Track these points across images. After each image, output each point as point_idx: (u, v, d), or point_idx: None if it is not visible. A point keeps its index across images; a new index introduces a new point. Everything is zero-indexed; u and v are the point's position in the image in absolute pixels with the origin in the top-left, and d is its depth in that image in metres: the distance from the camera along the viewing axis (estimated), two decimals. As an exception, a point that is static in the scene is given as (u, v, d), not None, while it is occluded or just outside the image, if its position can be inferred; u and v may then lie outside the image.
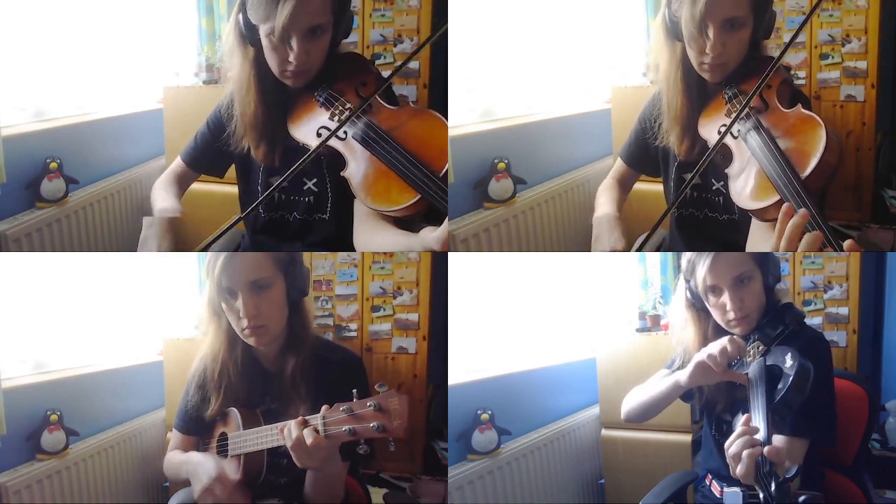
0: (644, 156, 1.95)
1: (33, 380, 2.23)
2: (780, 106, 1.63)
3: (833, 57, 2.62)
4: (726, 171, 1.67)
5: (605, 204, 1.95)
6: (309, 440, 1.45)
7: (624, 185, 2.02)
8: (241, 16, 1.67)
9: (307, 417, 1.49)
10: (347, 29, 1.72)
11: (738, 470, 1.40)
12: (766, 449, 1.39)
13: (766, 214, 1.56)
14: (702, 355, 1.61)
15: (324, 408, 1.48)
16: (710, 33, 1.63)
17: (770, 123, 1.61)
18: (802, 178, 1.50)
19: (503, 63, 2.55)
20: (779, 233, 1.43)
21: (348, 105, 1.67)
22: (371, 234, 1.67)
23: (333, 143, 1.66)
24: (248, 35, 1.67)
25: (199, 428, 1.79)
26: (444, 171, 1.58)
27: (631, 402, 1.87)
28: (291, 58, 1.63)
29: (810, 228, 1.44)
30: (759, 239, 1.63)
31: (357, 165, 1.63)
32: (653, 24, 2.09)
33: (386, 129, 1.63)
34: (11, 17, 2.27)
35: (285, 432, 1.49)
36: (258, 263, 1.64)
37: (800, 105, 1.62)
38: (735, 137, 1.65)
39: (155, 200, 1.87)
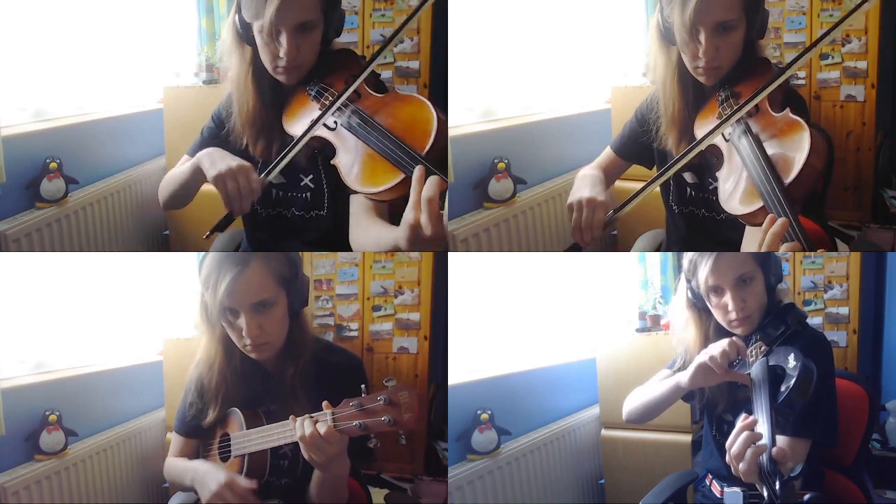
0: (636, 149, 1.93)
1: (32, 380, 2.23)
2: (770, 110, 1.62)
3: (833, 57, 2.62)
4: (717, 173, 1.67)
5: (587, 169, 1.91)
6: (322, 430, 1.45)
7: (608, 172, 1.96)
8: (237, 15, 1.69)
9: (316, 414, 1.49)
10: (339, 26, 1.74)
11: (741, 468, 1.40)
12: (773, 451, 1.38)
13: (753, 219, 1.55)
14: (702, 357, 1.61)
15: (324, 404, 1.48)
16: (702, 38, 1.63)
17: (759, 128, 1.60)
18: (786, 184, 1.49)
19: (503, 63, 2.55)
20: (759, 242, 1.44)
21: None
22: (363, 232, 1.67)
23: (323, 133, 1.67)
24: (245, 34, 1.69)
25: (199, 431, 1.79)
26: (427, 149, 1.57)
27: (632, 403, 1.87)
28: (282, 53, 1.65)
29: (789, 238, 1.45)
30: (753, 240, 1.63)
31: (346, 152, 1.64)
32: (650, 26, 2.09)
33: (370, 113, 1.65)
34: (11, 17, 2.26)
35: (296, 425, 1.49)
36: (261, 284, 1.63)
37: (788, 110, 1.61)
38: (727, 140, 1.65)
39: (173, 171, 1.88)
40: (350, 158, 1.63)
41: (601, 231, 1.71)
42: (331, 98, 1.68)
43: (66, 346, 2.38)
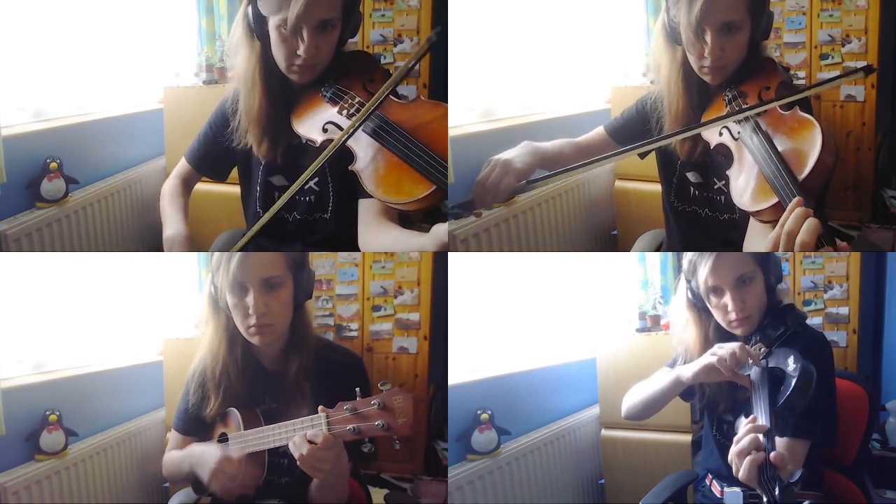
0: (632, 137, 1.91)
1: (32, 380, 2.23)
2: (778, 108, 1.63)
3: (833, 57, 2.62)
4: (727, 172, 1.67)
5: (538, 143, 1.83)
6: (319, 440, 1.45)
7: (588, 150, 1.91)
8: (250, 8, 1.66)
9: (311, 417, 1.49)
10: (355, 27, 1.72)
11: (741, 473, 1.40)
12: (771, 455, 1.38)
13: (764, 216, 1.56)
14: (711, 357, 1.60)
15: (320, 408, 1.48)
16: (708, 38, 1.63)
17: (768, 125, 1.61)
18: (800, 180, 1.50)
19: (503, 63, 2.55)
20: (782, 222, 1.43)
21: (357, 100, 1.66)
22: (378, 235, 1.67)
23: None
24: (257, 28, 1.66)
25: (198, 428, 1.79)
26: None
27: (631, 398, 1.87)
28: (301, 50, 1.63)
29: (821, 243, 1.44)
30: (757, 236, 1.63)
31: (367, 158, 1.62)
32: (653, 26, 2.08)
33: (397, 121, 1.63)
34: (11, 17, 2.26)
35: (291, 447, 1.49)
36: (272, 262, 1.65)
37: (797, 107, 1.62)
38: (735, 139, 1.65)
39: (165, 217, 1.87)
40: (371, 165, 1.60)
41: (504, 197, 1.67)
42: (350, 101, 1.67)
43: (66, 346, 2.38)
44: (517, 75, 2.58)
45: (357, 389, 1.46)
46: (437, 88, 2.55)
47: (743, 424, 1.45)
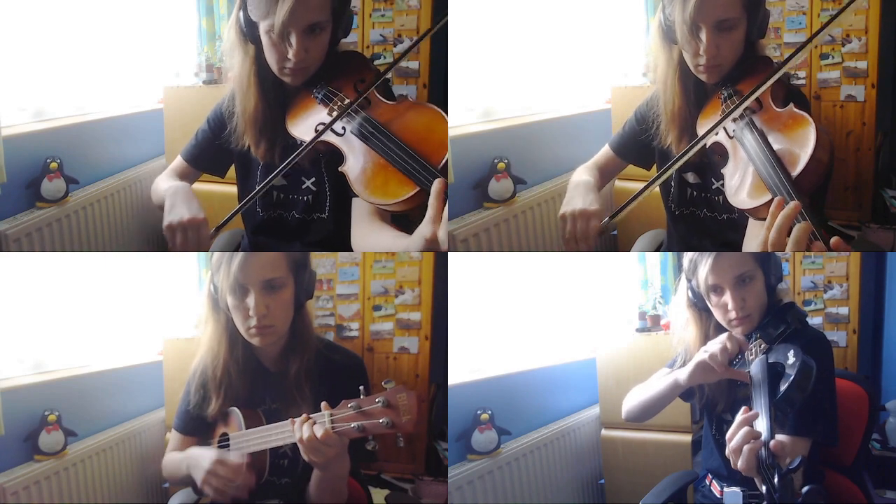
0: (634, 148, 1.93)
1: (31, 380, 2.23)
2: (773, 105, 1.63)
3: (833, 57, 2.62)
4: (722, 170, 1.67)
5: (582, 174, 1.90)
6: (319, 433, 1.46)
7: (604, 171, 1.96)
8: (241, 13, 1.68)
9: (314, 416, 1.49)
10: (347, 28, 1.72)
11: (740, 463, 1.40)
12: (771, 443, 1.39)
13: (759, 213, 1.55)
14: (702, 354, 1.61)
15: (323, 405, 1.49)
16: (703, 36, 1.63)
17: (763, 123, 1.61)
18: (793, 176, 1.50)
19: (503, 63, 2.55)
20: (768, 226, 1.43)
21: (346, 101, 1.67)
22: (368, 235, 1.67)
23: (331, 138, 1.66)
24: (249, 32, 1.68)
25: (199, 428, 1.79)
26: (443, 163, 1.57)
27: (631, 401, 1.88)
28: (290, 55, 1.64)
29: (812, 237, 1.44)
30: (755, 236, 1.63)
31: (355, 160, 1.63)
32: (651, 26, 2.09)
33: (383, 122, 1.63)
34: (11, 17, 2.26)
35: (294, 428, 1.49)
36: (273, 263, 1.65)
37: (792, 105, 1.62)
38: (731, 137, 1.65)
39: (158, 185, 1.85)
40: (359, 166, 1.62)
41: (596, 241, 1.72)
42: (340, 103, 1.67)
43: (65, 346, 2.38)
44: (517, 75, 2.58)
45: (361, 388, 1.47)
46: (437, 88, 2.55)
47: (737, 419, 1.46)
